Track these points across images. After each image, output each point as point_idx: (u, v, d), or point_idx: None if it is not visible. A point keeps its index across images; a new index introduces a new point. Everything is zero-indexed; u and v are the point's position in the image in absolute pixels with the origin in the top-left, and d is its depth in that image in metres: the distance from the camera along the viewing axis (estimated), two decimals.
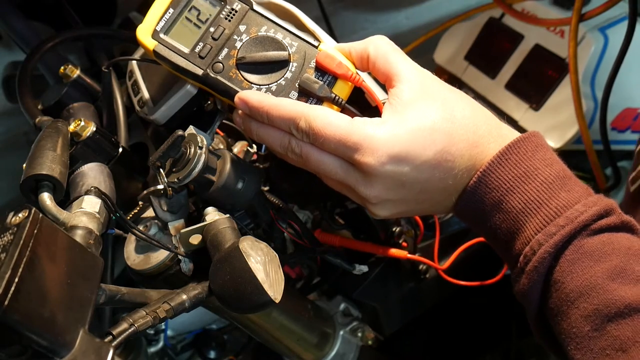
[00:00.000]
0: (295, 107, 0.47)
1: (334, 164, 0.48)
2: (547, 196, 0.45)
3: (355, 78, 0.50)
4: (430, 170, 0.46)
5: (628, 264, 0.42)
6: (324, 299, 0.80)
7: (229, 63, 0.50)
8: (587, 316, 0.42)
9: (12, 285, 0.30)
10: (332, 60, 0.49)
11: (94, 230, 0.44)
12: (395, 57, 0.49)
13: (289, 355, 0.72)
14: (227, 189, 0.51)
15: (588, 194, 0.46)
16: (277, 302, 0.42)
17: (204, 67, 0.50)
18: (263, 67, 0.50)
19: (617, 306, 0.41)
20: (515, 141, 0.47)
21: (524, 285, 0.46)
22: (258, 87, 0.50)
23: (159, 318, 0.42)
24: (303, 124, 0.46)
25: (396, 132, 0.45)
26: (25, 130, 1.06)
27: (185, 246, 0.49)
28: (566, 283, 0.43)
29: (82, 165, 0.55)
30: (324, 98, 0.49)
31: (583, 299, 0.42)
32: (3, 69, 0.89)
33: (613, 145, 0.90)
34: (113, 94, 0.63)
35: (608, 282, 0.41)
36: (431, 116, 0.46)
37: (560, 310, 0.44)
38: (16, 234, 0.33)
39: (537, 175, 0.46)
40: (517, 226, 0.46)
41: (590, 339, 0.42)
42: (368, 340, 0.78)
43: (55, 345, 0.33)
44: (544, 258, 0.44)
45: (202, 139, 0.50)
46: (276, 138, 0.49)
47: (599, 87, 0.92)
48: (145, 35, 0.51)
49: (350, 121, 0.46)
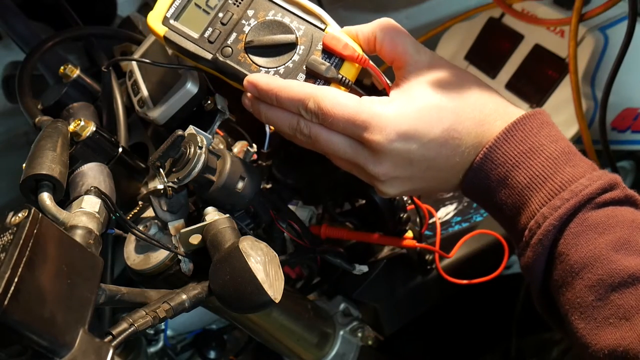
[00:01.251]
0: (304, 88, 0.48)
1: (343, 143, 0.49)
2: (552, 171, 0.46)
3: (362, 59, 0.50)
4: (437, 147, 0.47)
5: (632, 236, 0.43)
6: (324, 299, 0.80)
7: (237, 47, 0.51)
8: (591, 286, 0.42)
9: (12, 285, 0.30)
10: (339, 42, 0.50)
11: (94, 230, 0.44)
12: (402, 39, 0.50)
13: (289, 355, 0.72)
14: (227, 189, 0.51)
15: (593, 168, 0.46)
16: (277, 302, 0.42)
17: (213, 51, 0.51)
18: (271, 51, 0.51)
19: (620, 276, 0.41)
20: (521, 118, 0.48)
21: (529, 259, 0.46)
22: (266, 70, 0.51)
23: (158, 318, 0.42)
24: (312, 105, 0.47)
25: (404, 110, 0.46)
26: (25, 130, 1.06)
27: (185, 246, 0.49)
28: (571, 255, 0.44)
29: (82, 165, 0.55)
30: (331, 79, 0.50)
31: (587, 269, 0.43)
32: (3, 69, 0.89)
33: (613, 145, 0.91)
34: (113, 94, 0.63)
35: (612, 253, 0.42)
36: (438, 94, 0.47)
37: (565, 281, 0.44)
38: (16, 233, 0.33)
39: (542, 151, 0.46)
40: (522, 201, 0.47)
41: (594, 308, 0.42)
42: (368, 340, 0.78)
43: (55, 345, 0.32)
44: (549, 231, 0.44)
45: (202, 139, 0.50)
46: (285, 119, 0.50)
47: (599, 87, 0.92)
48: (156, 22, 0.52)
49: (358, 100, 0.47)
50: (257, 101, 0.51)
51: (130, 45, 0.75)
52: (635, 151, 1.05)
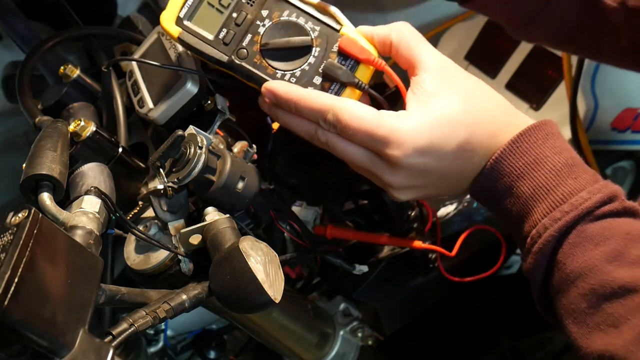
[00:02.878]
0: (324, 99, 0.49)
1: (359, 153, 0.50)
2: (555, 183, 0.48)
3: (379, 63, 0.51)
4: (451, 159, 0.49)
5: (625, 248, 0.45)
6: (324, 299, 0.80)
7: (253, 49, 0.51)
8: (585, 294, 0.45)
9: (12, 285, 0.30)
10: (355, 45, 0.50)
11: (94, 230, 0.44)
12: (418, 44, 0.51)
13: (289, 355, 0.72)
14: (227, 189, 0.51)
15: (594, 180, 0.48)
16: (277, 302, 0.42)
17: (229, 53, 0.51)
18: (286, 54, 0.51)
19: (611, 286, 0.43)
20: (527, 129, 0.49)
21: (530, 264, 0.49)
22: (282, 73, 0.51)
23: (158, 318, 0.42)
24: (331, 117, 0.48)
25: (421, 124, 0.48)
26: (25, 130, 1.06)
27: (185, 246, 0.49)
28: (567, 264, 0.46)
29: (82, 165, 0.55)
30: (348, 83, 0.50)
31: (582, 278, 0.45)
32: (3, 69, 0.89)
33: (613, 146, 0.90)
34: (113, 94, 0.63)
35: (605, 264, 0.44)
36: (454, 108, 0.48)
37: (560, 288, 0.47)
38: (16, 234, 0.33)
39: (546, 163, 0.48)
40: (526, 210, 0.49)
41: (586, 315, 0.45)
42: (368, 340, 0.78)
43: (55, 345, 0.33)
44: (549, 241, 0.46)
45: (202, 139, 0.50)
46: (303, 126, 0.51)
47: (599, 87, 0.92)
48: (169, 23, 0.52)
49: (377, 114, 0.48)
50: (274, 106, 0.52)
51: (130, 45, 0.75)
52: (635, 151, 1.05)
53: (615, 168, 1.07)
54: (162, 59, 0.57)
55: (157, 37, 0.60)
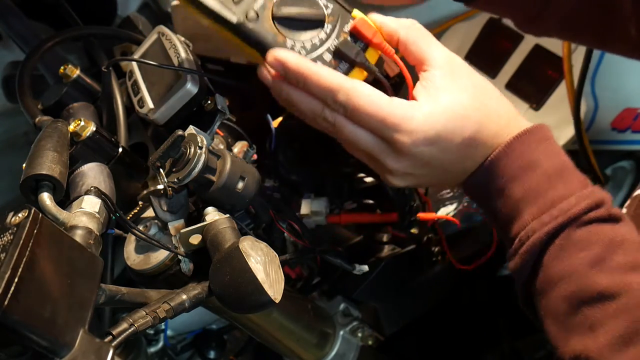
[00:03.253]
0: (336, 78, 0.48)
1: (367, 137, 0.49)
2: (546, 187, 0.49)
3: (388, 49, 0.50)
4: (455, 153, 0.50)
5: (608, 254, 0.46)
6: (324, 299, 0.80)
7: (264, 14, 0.49)
8: (566, 297, 0.46)
9: (12, 285, 0.30)
10: (370, 28, 0.50)
11: (94, 230, 0.44)
12: (427, 41, 0.52)
13: (289, 355, 0.72)
14: (227, 189, 0.51)
15: (584, 186, 0.49)
16: (277, 302, 0.42)
17: (239, 14, 0.48)
18: (298, 23, 0.50)
19: (591, 291, 0.45)
20: (521, 133, 0.50)
21: (517, 264, 0.50)
22: (292, 42, 0.50)
23: (158, 318, 0.42)
24: (342, 97, 0.47)
25: (433, 115, 0.48)
26: (25, 130, 1.06)
27: (185, 246, 0.49)
28: (552, 267, 0.48)
29: (82, 165, 0.55)
30: (359, 64, 0.50)
31: (564, 281, 0.47)
32: (3, 69, 0.89)
33: (613, 146, 0.90)
34: (113, 94, 0.63)
35: (588, 269, 0.46)
36: (464, 104, 0.49)
37: (543, 289, 0.48)
38: (16, 234, 0.33)
39: (538, 167, 0.49)
40: (516, 212, 0.50)
41: (565, 316, 0.46)
42: (368, 340, 0.78)
43: (55, 345, 0.33)
44: (536, 244, 0.48)
45: (202, 139, 0.50)
46: (308, 104, 0.50)
47: (599, 87, 0.92)
48: None
49: (390, 100, 0.48)
50: (279, 79, 0.50)
51: (130, 45, 0.75)
52: (635, 151, 1.05)
53: (615, 168, 1.07)
54: (162, 59, 0.57)
55: (157, 37, 0.59)
